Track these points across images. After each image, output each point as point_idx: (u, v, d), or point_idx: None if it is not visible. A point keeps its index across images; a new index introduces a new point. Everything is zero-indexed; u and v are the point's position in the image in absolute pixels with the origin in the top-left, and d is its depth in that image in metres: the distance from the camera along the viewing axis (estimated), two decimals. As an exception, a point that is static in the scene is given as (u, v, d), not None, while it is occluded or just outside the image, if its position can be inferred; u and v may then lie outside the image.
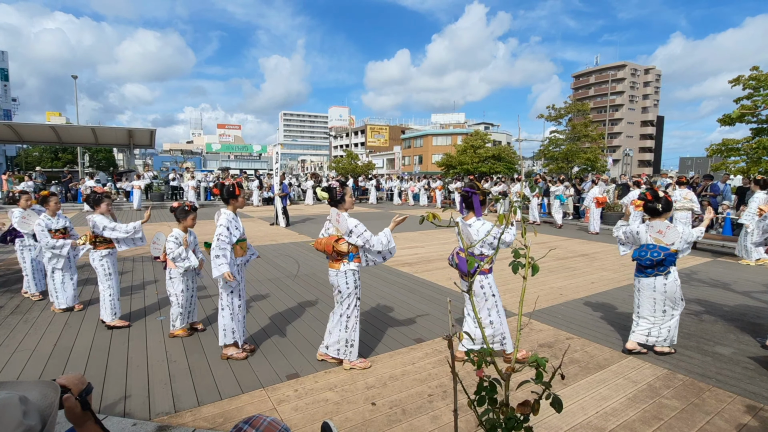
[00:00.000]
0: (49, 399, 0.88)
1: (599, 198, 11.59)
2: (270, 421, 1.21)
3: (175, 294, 4.04)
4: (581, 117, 27.10)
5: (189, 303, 4.16)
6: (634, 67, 72.97)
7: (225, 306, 3.53)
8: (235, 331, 3.57)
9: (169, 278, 4.06)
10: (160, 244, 4.16)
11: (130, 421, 2.66)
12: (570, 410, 2.82)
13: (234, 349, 3.59)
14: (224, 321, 3.54)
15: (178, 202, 4.29)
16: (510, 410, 1.35)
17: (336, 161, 37.16)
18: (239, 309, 3.60)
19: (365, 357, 3.62)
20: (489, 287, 3.49)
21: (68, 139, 22.39)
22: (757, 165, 15.08)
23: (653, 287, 3.67)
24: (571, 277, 6.57)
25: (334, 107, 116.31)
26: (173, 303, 4.06)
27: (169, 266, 4.06)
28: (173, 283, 4.05)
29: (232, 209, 3.63)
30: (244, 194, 3.79)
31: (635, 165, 62.93)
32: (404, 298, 5.37)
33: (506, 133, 60.10)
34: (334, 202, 3.46)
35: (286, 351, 3.78)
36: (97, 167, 41.68)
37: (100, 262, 4.36)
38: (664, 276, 3.62)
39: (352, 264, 3.39)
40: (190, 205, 4.14)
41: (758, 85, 14.97)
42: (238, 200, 3.69)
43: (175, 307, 4.06)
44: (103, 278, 4.34)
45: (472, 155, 31.44)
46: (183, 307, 4.07)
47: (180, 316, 4.07)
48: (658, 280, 3.63)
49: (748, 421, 2.73)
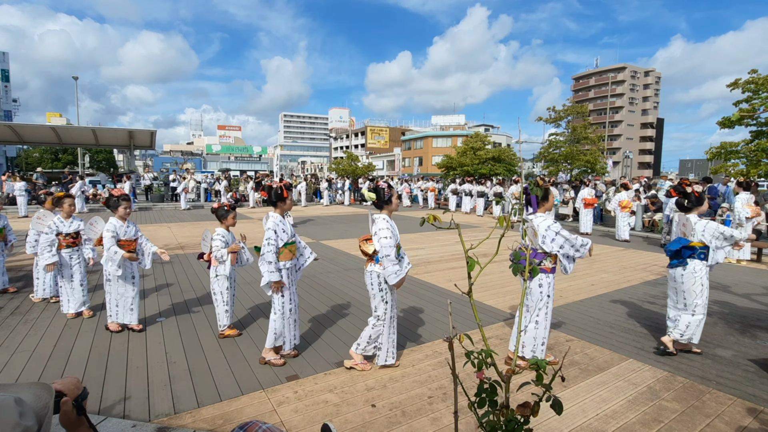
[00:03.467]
0: (43, 401, 0.88)
1: (587, 199, 11.86)
2: (266, 429, 1.11)
3: (220, 292, 4.05)
4: (581, 119, 27.14)
5: (232, 301, 4.18)
6: (634, 70, 73.08)
7: (276, 310, 3.50)
8: (281, 336, 3.53)
9: (214, 276, 4.07)
10: (207, 242, 4.19)
11: (130, 423, 2.66)
12: (570, 412, 2.81)
13: (273, 355, 3.55)
14: (274, 325, 3.50)
15: (218, 202, 4.35)
16: (510, 412, 1.35)
17: (336, 162, 37.20)
18: (290, 313, 3.55)
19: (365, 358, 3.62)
20: (548, 287, 3.45)
21: (68, 140, 22.41)
22: (756, 167, 15.11)
23: (674, 277, 3.85)
24: (571, 279, 6.56)
25: (334, 109, 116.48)
26: (217, 301, 4.07)
27: (213, 264, 4.08)
28: (218, 281, 4.06)
29: (280, 212, 3.58)
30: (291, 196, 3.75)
31: (635, 167, 62.94)
32: (404, 300, 5.36)
33: (506, 135, 60.13)
34: (380, 203, 3.42)
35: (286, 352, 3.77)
36: (97, 168, 41.71)
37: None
38: (682, 267, 3.74)
39: (377, 266, 3.34)
40: (228, 205, 4.19)
41: (757, 88, 15.00)
42: (286, 203, 3.63)
43: (220, 306, 4.06)
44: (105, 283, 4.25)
45: (472, 157, 31.48)
46: (228, 305, 4.08)
47: (226, 314, 4.08)
48: (677, 270, 3.79)
49: (749, 424, 2.73)
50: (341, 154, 54.72)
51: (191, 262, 7.52)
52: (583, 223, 11.88)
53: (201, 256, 4.29)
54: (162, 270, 6.95)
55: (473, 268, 1.48)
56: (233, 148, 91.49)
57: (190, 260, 7.68)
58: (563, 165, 25.96)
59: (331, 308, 5.08)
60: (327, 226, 13.11)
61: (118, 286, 4.21)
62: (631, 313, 4.96)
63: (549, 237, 3.36)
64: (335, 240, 10.25)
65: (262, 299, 5.45)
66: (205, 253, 4.22)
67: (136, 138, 22.01)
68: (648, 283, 6.44)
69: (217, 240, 4.02)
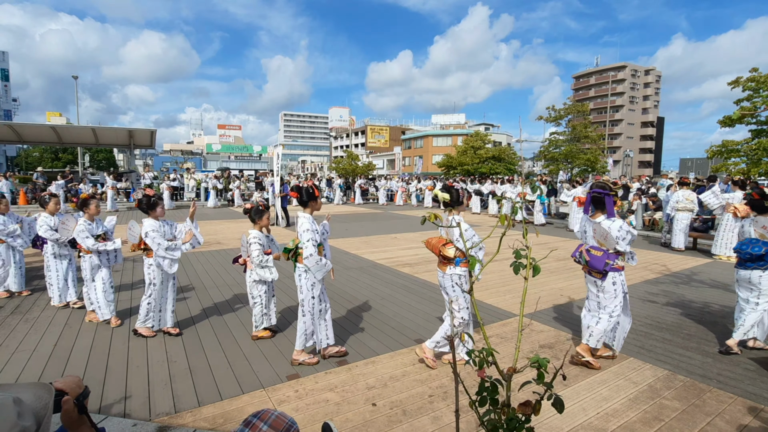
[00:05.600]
0: (43, 401, 0.88)
1: (580, 197, 12.30)
2: (278, 415, 1.28)
3: (258, 295, 3.99)
4: (581, 118, 27.12)
5: (270, 303, 4.13)
6: (634, 68, 72.99)
7: (306, 311, 3.49)
8: (312, 336, 3.53)
9: (252, 281, 3.99)
10: (243, 246, 4.09)
11: (131, 422, 2.66)
12: (571, 411, 2.81)
13: (306, 355, 3.55)
14: (305, 326, 3.49)
15: (250, 203, 4.25)
16: (511, 411, 1.35)
17: (336, 162, 37.15)
18: (319, 314, 3.55)
19: (365, 357, 3.63)
20: (621, 284, 3.50)
21: (68, 140, 22.37)
22: (757, 166, 15.09)
23: (749, 279, 3.81)
24: (572, 278, 6.56)
25: (334, 108, 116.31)
26: (255, 304, 4.01)
27: (249, 268, 4.00)
28: (256, 285, 3.99)
29: (310, 212, 3.54)
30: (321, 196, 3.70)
31: (635, 166, 62.96)
32: (405, 299, 5.36)
33: (506, 134, 60.11)
34: (453, 204, 3.39)
35: (286, 351, 3.77)
36: (97, 167, 41.71)
37: (148, 270, 4.08)
38: (762, 270, 3.73)
39: (458, 269, 3.33)
40: (263, 205, 4.09)
41: (758, 86, 14.97)
42: (317, 202, 3.60)
43: (258, 308, 4.01)
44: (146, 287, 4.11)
45: (473, 156, 31.47)
46: (267, 308, 4.04)
47: (264, 317, 4.04)
48: (755, 273, 3.77)
49: (749, 422, 2.73)
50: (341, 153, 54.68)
51: (192, 261, 7.52)
52: (571, 220, 12.41)
53: (236, 260, 4.19)
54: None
55: (474, 267, 1.47)
56: (233, 148, 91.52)
57: (190, 259, 7.68)
58: (563, 164, 25.95)
59: (332, 307, 5.07)
60: (327, 225, 13.10)
61: (162, 289, 4.09)
62: (631, 312, 4.95)
63: (621, 237, 3.40)
64: (334, 239, 10.24)
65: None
66: (241, 257, 4.14)
67: (136, 137, 21.97)
68: (648, 281, 6.44)
69: (254, 244, 3.84)
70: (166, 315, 4.17)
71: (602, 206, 3.53)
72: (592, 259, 3.45)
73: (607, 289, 3.50)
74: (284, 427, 1.26)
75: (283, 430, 1.25)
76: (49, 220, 4.94)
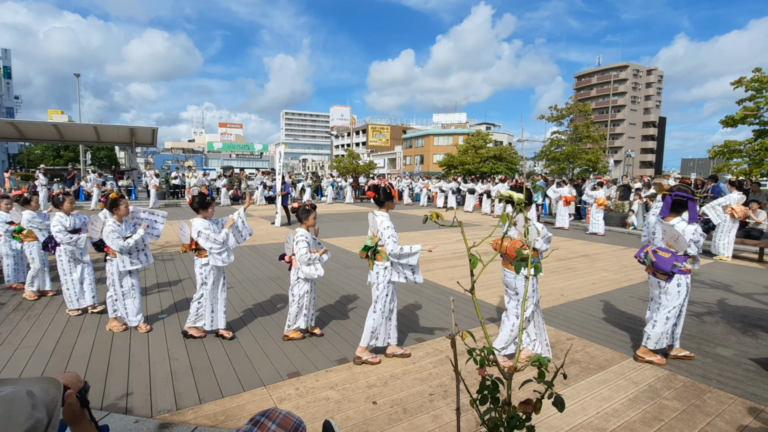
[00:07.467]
0: (51, 394, 0.89)
1: (567, 197, 12.92)
2: (285, 414, 1.30)
3: (299, 294, 3.92)
4: (583, 118, 27.07)
5: (311, 305, 4.06)
6: (636, 68, 72.81)
7: (377, 309, 3.50)
8: (380, 334, 3.54)
9: (296, 279, 3.95)
10: (289, 244, 4.06)
11: (132, 419, 2.67)
12: (571, 410, 2.82)
13: (369, 354, 3.56)
14: (374, 323, 3.51)
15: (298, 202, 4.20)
16: (512, 409, 1.35)
17: (337, 160, 37.17)
18: (389, 312, 3.56)
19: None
20: (686, 287, 3.50)
21: (70, 137, 22.43)
22: (759, 166, 15.05)
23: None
24: (573, 277, 6.56)
25: (335, 107, 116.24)
26: (293, 302, 3.94)
27: (295, 266, 3.96)
28: (299, 284, 3.93)
29: (386, 210, 3.56)
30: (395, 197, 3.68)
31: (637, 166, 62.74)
32: (405, 298, 5.37)
33: (508, 134, 60.05)
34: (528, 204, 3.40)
35: (286, 349, 3.78)
36: (99, 165, 41.78)
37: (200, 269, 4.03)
38: None
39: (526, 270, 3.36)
40: (310, 205, 4.07)
41: (761, 87, 14.92)
42: (393, 201, 3.60)
43: (294, 307, 3.93)
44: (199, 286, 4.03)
45: (474, 155, 31.45)
46: (306, 308, 3.97)
47: (297, 317, 3.95)
48: None
49: (749, 423, 2.73)
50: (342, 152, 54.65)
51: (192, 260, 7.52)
52: (560, 219, 12.90)
53: (282, 257, 4.15)
54: (164, 267, 6.97)
55: (476, 266, 1.48)
56: (234, 146, 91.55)
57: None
58: (565, 164, 25.92)
59: (333, 306, 5.09)
60: (327, 224, 13.11)
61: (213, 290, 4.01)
62: (632, 312, 4.96)
63: (695, 240, 3.40)
64: (336, 238, 10.25)
65: (261, 299, 5.46)
66: (287, 254, 4.10)
67: (137, 135, 22.03)
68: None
69: (301, 242, 3.79)
70: (218, 315, 4.03)
71: (681, 209, 3.53)
72: (658, 260, 3.47)
73: (670, 291, 3.51)
74: (292, 426, 1.27)
75: (291, 429, 1.26)
76: (65, 220, 4.53)
